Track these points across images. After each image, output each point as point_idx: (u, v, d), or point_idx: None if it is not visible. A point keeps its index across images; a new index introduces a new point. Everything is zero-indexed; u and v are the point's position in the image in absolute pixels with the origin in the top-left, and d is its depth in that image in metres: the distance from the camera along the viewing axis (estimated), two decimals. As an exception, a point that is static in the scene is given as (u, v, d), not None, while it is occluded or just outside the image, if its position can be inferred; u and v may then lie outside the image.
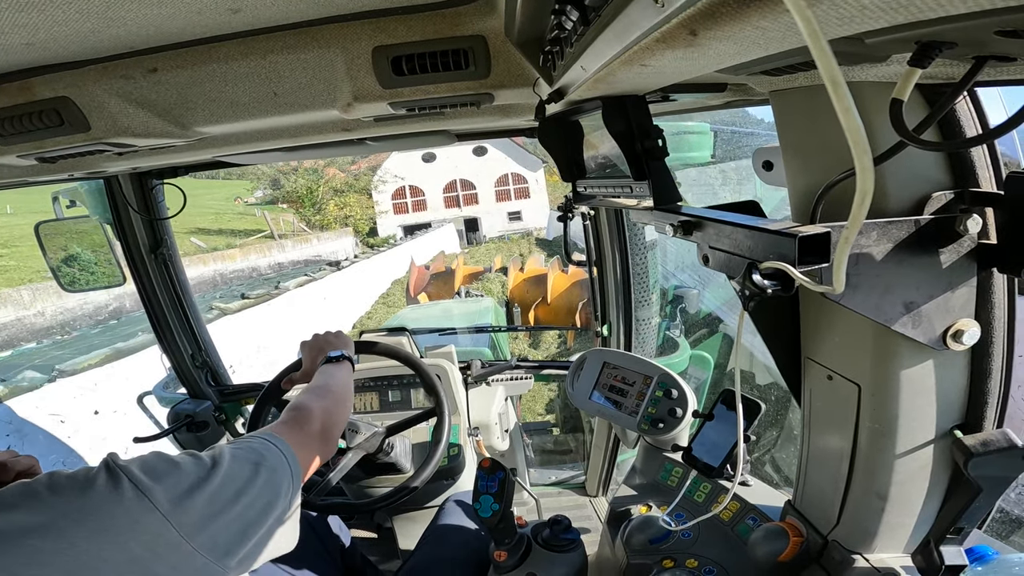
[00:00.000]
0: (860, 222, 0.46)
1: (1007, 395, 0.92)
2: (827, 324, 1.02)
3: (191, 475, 0.78)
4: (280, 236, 29.67)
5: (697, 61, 0.59)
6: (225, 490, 0.80)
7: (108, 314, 16.42)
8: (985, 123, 0.82)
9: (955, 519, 0.93)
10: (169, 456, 0.80)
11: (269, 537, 0.86)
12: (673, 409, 1.60)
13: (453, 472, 2.16)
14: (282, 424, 1.09)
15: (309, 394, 1.24)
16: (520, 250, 26.96)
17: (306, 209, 35.34)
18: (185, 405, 2.69)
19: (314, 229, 33.72)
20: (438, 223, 33.25)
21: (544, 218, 31.05)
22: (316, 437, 1.10)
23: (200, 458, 0.82)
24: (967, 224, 0.78)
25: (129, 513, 0.70)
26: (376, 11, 0.98)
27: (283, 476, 0.90)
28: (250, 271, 24.48)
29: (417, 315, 7.23)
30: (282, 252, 27.33)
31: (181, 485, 0.76)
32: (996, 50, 0.46)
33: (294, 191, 35.89)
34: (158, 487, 0.73)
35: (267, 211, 34.64)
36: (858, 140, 0.38)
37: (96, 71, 1.07)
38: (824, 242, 0.62)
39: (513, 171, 35.26)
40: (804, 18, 0.30)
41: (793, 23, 0.32)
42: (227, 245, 26.16)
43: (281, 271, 24.97)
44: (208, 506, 0.77)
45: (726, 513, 1.42)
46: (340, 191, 36.37)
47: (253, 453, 0.89)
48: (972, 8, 0.33)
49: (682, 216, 0.87)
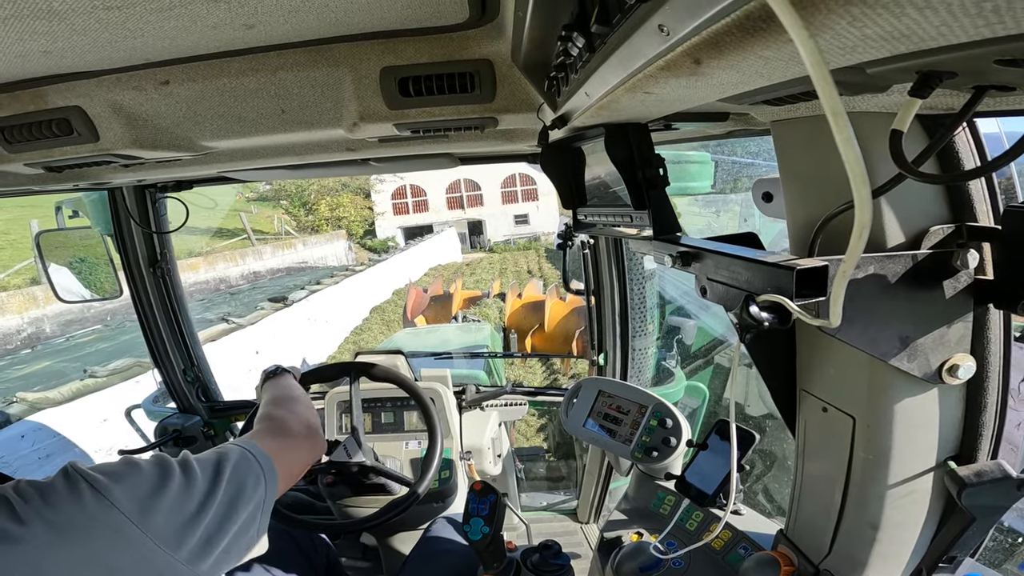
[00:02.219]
0: (858, 255, 0.46)
1: (1002, 427, 0.92)
2: (822, 357, 1.02)
3: (154, 476, 0.79)
4: (259, 240, 26.59)
5: (700, 90, 0.60)
6: (191, 492, 0.81)
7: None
8: (984, 155, 0.83)
9: (947, 548, 0.93)
10: (132, 459, 0.81)
11: (239, 537, 0.86)
12: (667, 438, 1.60)
13: (443, 495, 2.14)
14: (257, 431, 1.11)
15: (268, 407, 1.28)
16: (527, 261, 25.97)
17: (295, 209, 33.14)
18: (173, 419, 2.67)
19: (303, 232, 31.21)
20: (440, 226, 31.88)
21: (553, 223, 29.47)
22: (300, 436, 1.12)
23: (164, 461, 0.82)
24: (964, 259, 0.78)
25: (87, 512, 0.70)
26: (387, 32, 0.99)
27: (248, 473, 0.90)
28: (216, 283, 21.05)
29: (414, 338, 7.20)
30: (259, 260, 24.15)
31: (143, 486, 0.76)
32: (995, 79, 0.47)
33: (282, 188, 33.32)
34: (117, 487, 0.74)
35: (257, 207, 32.63)
36: (857, 172, 0.38)
37: (109, 81, 1.07)
38: (822, 276, 0.62)
39: (521, 171, 32.24)
40: (807, 48, 0.31)
41: (796, 53, 0.33)
42: (205, 248, 23.28)
43: (256, 282, 22.05)
44: (174, 507, 0.77)
45: (718, 542, 1.41)
46: (332, 190, 33.68)
47: (216, 454, 0.90)
48: (973, 37, 0.34)
49: (681, 247, 0.87)
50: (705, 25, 0.41)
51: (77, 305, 2.58)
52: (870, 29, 0.35)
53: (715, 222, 6.73)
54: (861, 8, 0.31)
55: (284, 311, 11.64)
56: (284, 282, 19.47)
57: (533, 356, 9.40)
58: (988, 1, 0.29)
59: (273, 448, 1.00)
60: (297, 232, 31.27)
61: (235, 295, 18.99)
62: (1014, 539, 2.29)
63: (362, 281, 16.92)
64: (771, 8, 0.30)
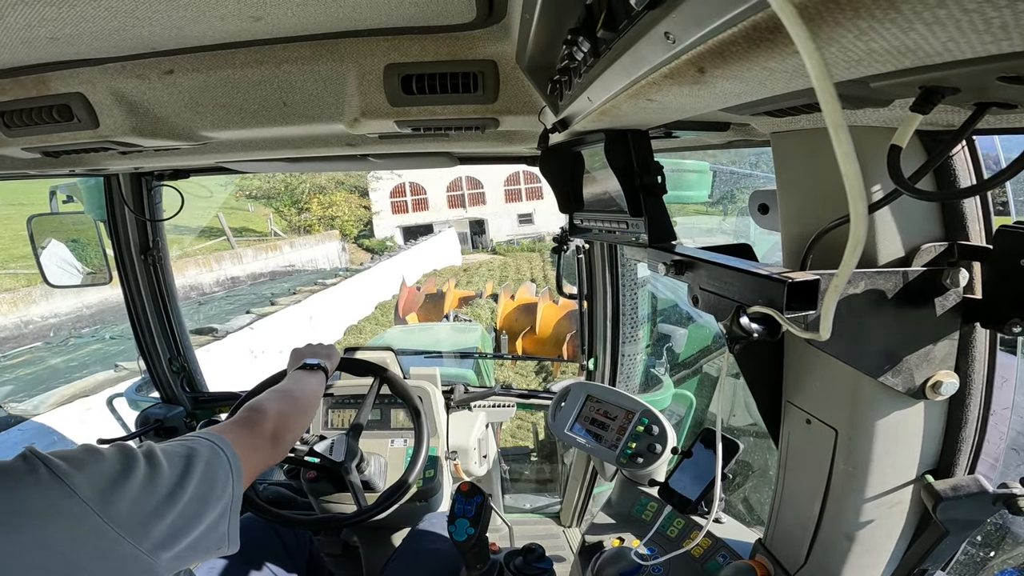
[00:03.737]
0: (850, 270, 0.47)
1: (982, 443, 0.93)
2: (809, 369, 1.03)
3: (117, 465, 0.77)
4: (246, 241, 24.62)
5: (703, 98, 0.61)
6: (157, 482, 0.79)
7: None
8: (980, 173, 0.83)
9: (919, 561, 0.94)
10: (94, 447, 0.79)
11: (208, 534, 0.84)
12: (653, 445, 1.60)
13: (427, 495, 2.13)
14: (231, 423, 1.09)
15: (270, 395, 1.26)
16: (531, 267, 24.92)
17: (286, 207, 31.38)
18: (156, 410, 2.64)
19: (290, 233, 29.22)
20: (440, 225, 30.54)
21: (560, 220, 28.66)
22: (266, 439, 1.09)
23: (129, 450, 0.81)
24: (955, 277, 0.79)
25: (46, 498, 0.68)
26: (393, 29, 0.99)
27: (219, 471, 0.89)
28: (186, 291, 17.92)
29: (404, 335, 7.18)
30: (239, 264, 21.64)
31: (106, 474, 0.75)
32: (998, 96, 0.47)
33: (272, 187, 31.50)
34: (79, 474, 0.72)
35: (254, 205, 31.33)
36: (855, 186, 0.38)
37: (114, 69, 1.07)
38: (813, 289, 0.63)
39: (525, 170, 28.39)
40: (813, 60, 0.32)
41: (800, 65, 0.33)
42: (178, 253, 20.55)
43: (234, 288, 19.63)
44: (139, 496, 0.76)
45: (697, 549, 1.42)
46: (324, 188, 31.78)
47: (186, 448, 0.88)
48: (979, 53, 0.34)
49: (675, 255, 0.88)
50: (711, 34, 0.41)
51: (11, 321, 2.51)
52: (876, 43, 0.35)
53: (724, 223, 6.67)
54: (869, 22, 0.32)
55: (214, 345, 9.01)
56: (263, 289, 17.86)
57: (523, 358, 9.40)
58: (997, 18, 0.29)
59: (243, 445, 0.99)
60: (288, 232, 29.82)
61: (204, 304, 16.53)
62: (986, 553, 2.32)
63: (341, 293, 14.99)
64: (779, 19, 0.31)
